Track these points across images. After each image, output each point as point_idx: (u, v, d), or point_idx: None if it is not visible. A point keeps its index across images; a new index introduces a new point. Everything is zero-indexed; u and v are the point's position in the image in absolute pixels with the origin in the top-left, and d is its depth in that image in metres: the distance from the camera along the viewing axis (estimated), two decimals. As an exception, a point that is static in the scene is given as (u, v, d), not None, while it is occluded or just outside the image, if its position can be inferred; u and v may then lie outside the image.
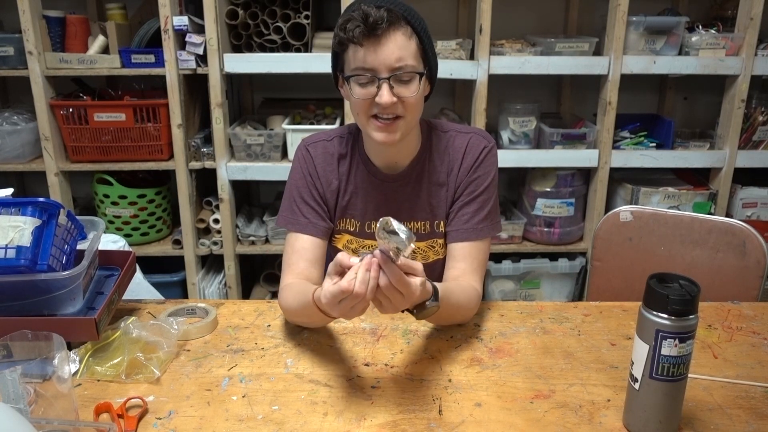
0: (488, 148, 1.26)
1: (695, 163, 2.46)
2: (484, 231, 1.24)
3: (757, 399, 0.98)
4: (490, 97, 2.33)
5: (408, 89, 1.10)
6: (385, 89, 1.08)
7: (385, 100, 1.08)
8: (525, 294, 2.63)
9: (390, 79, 1.08)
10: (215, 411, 0.94)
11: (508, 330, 1.19)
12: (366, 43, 1.07)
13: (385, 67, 1.08)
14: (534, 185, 2.52)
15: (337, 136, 1.29)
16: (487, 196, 1.25)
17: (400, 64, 1.08)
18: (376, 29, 1.05)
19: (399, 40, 1.08)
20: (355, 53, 1.09)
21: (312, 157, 1.27)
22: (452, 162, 1.26)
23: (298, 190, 1.26)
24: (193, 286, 2.52)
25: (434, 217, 1.27)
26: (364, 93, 1.10)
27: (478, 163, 1.24)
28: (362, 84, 1.10)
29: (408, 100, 1.11)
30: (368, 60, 1.08)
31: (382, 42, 1.06)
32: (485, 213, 1.24)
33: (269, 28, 2.26)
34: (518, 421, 0.92)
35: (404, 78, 1.10)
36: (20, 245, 0.99)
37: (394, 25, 1.07)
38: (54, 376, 0.86)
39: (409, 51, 1.09)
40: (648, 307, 0.85)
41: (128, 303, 1.28)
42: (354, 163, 1.27)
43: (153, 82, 2.47)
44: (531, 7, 2.62)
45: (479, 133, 1.28)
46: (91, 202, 2.58)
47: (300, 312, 1.11)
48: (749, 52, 2.30)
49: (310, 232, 1.24)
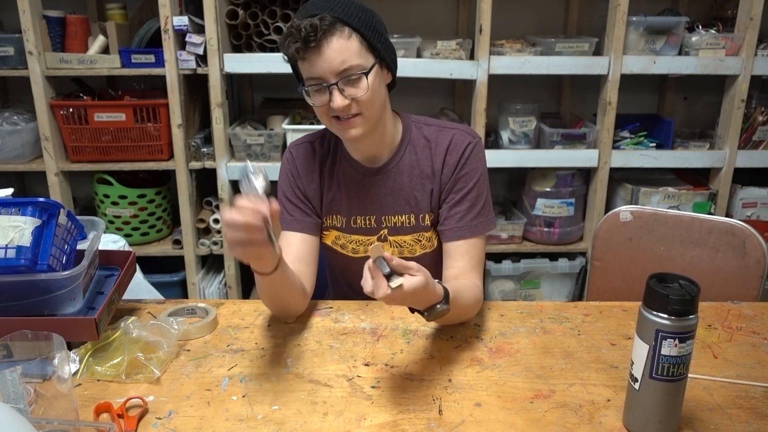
0: (473, 144, 1.26)
1: (695, 163, 2.46)
2: (478, 227, 1.25)
3: (757, 399, 0.98)
4: (490, 97, 2.33)
5: (358, 89, 1.12)
6: (336, 94, 1.11)
7: (337, 105, 1.11)
8: (525, 294, 2.63)
9: (338, 84, 1.10)
10: (215, 411, 0.94)
11: (508, 330, 1.19)
12: (306, 56, 1.09)
13: (330, 73, 1.10)
14: (534, 185, 2.52)
15: (318, 137, 1.33)
16: (478, 192, 1.25)
17: (344, 66, 1.10)
18: (310, 42, 1.07)
19: (337, 44, 1.09)
20: (302, 66, 1.13)
21: (294, 157, 1.32)
22: (435, 156, 1.26)
23: (282, 191, 1.31)
24: (193, 286, 2.52)
25: (419, 210, 1.28)
26: (321, 100, 1.14)
27: (464, 160, 1.25)
28: (317, 92, 1.13)
29: (361, 98, 1.12)
30: (313, 71, 1.11)
31: (322, 50, 1.08)
32: (478, 209, 1.25)
33: (269, 28, 2.26)
34: (518, 421, 0.92)
35: (352, 78, 1.11)
36: (20, 245, 0.99)
37: (328, 32, 1.08)
38: (54, 376, 0.86)
39: (350, 51, 1.10)
40: (648, 307, 0.85)
41: (128, 303, 1.28)
42: (336, 161, 1.30)
43: (153, 82, 2.47)
44: (531, 7, 2.62)
45: (463, 129, 1.28)
46: (91, 202, 2.58)
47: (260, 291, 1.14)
48: (749, 52, 2.30)
49: (296, 228, 1.28)
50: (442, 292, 1.00)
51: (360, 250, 1.31)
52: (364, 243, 1.30)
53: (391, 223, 1.29)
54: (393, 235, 1.30)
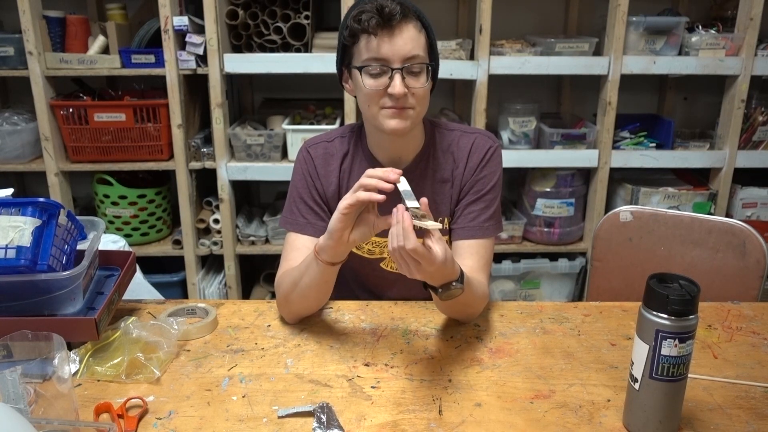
0: (494, 148, 1.28)
1: (695, 163, 2.46)
2: (490, 229, 1.25)
3: (757, 399, 0.98)
4: (490, 97, 2.33)
5: (418, 80, 1.13)
6: (397, 79, 1.10)
7: (397, 90, 1.10)
8: (525, 294, 2.63)
9: (402, 70, 1.10)
10: (215, 411, 0.94)
11: (508, 330, 1.19)
12: (380, 34, 1.09)
13: (398, 58, 1.10)
14: (534, 185, 2.52)
15: (338, 136, 1.31)
16: (493, 195, 1.27)
17: (412, 54, 1.10)
18: (392, 20, 1.08)
19: (411, 32, 1.11)
20: (368, 43, 1.11)
21: (312, 158, 1.29)
22: (457, 160, 1.27)
23: (298, 191, 1.28)
24: (193, 286, 2.52)
25: (438, 213, 1.28)
26: (376, 84, 1.12)
27: (485, 162, 1.26)
28: (374, 75, 1.12)
29: (418, 92, 1.13)
30: (382, 50, 1.10)
31: (396, 33, 1.09)
32: (491, 212, 1.26)
33: (269, 28, 2.26)
34: (518, 421, 0.92)
35: (415, 69, 1.12)
36: (20, 245, 0.99)
37: (407, 18, 1.10)
38: (54, 376, 0.86)
39: (419, 44, 1.12)
40: (648, 307, 0.85)
41: (128, 303, 1.27)
42: (357, 161, 1.28)
43: (153, 82, 2.47)
44: (531, 7, 2.62)
45: (484, 133, 1.30)
46: (91, 202, 2.58)
47: (298, 278, 1.14)
48: (749, 53, 2.30)
49: (309, 232, 1.25)
50: (459, 270, 1.02)
51: (376, 251, 1.31)
52: (380, 245, 1.30)
53: None
54: None
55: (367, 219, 1.05)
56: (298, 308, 1.19)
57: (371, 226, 1.05)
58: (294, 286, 1.16)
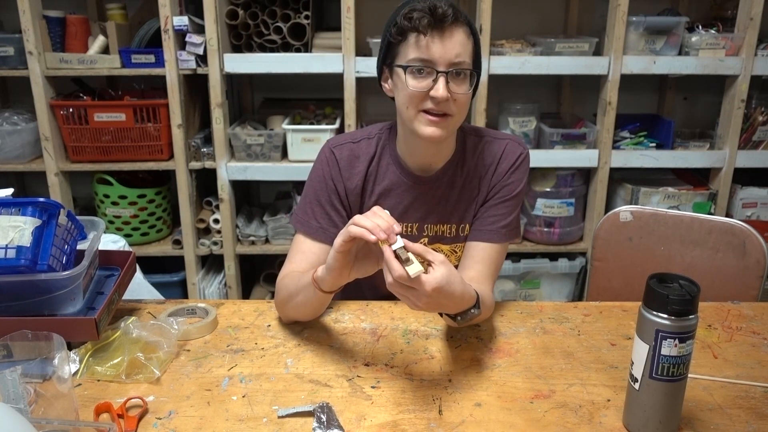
0: (524, 155, 1.26)
1: (695, 163, 2.46)
2: (506, 236, 1.24)
3: (757, 399, 0.98)
4: (490, 97, 2.33)
5: (462, 87, 1.10)
6: (441, 83, 1.07)
7: (441, 94, 1.07)
8: (525, 294, 2.63)
9: (447, 74, 1.08)
10: (215, 411, 0.94)
11: (508, 330, 1.19)
12: (430, 34, 1.06)
13: (445, 61, 1.07)
14: (534, 185, 2.52)
15: (364, 137, 1.27)
16: (516, 202, 1.25)
17: (459, 59, 1.08)
18: (443, 21, 1.06)
19: (461, 37, 1.08)
20: (416, 43, 1.08)
21: (337, 159, 1.24)
22: (487, 167, 1.25)
23: (315, 192, 1.24)
24: (193, 286, 2.52)
25: (461, 220, 1.27)
26: (419, 85, 1.09)
27: (514, 168, 1.25)
28: (418, 76, 1.09)
29: (460, 98, 1.10)
30: (430, 51, 1.07)
31: (446, 35, 1.07)
32: (511, 218, 1.24)
33: (269, 28, 2.26)
34: (518, 421, 0.92)
35: (460, 74, 1.09)
36: (20, 245, 0.99)
37: (458, 22, 1.08)
38: (54, 376, 0.86)
39: (467, 50, 1.10)
40: (648, 307, 0.85)
41: (128, 303, 1.27)
42: (384, 164, 1.25)
43: (153, 82, 2.47)
44: (531, 7, 2.62)
45: (515, 139, 1.28)
46: (91, 202, 2.58)
47: (295, 293, 1.13)
48: (749, 52, 2.30)
49: (319, 237, 1.22)
50: (474, 295, 1.00)
51: None
52: None
53: (433, 231, 1.27)
54: (432, 243, 1.27)
55: (370, 253, 1.01)
56: (293, 315, 1.19)
57: (374, 261, 1.01)
58: (290, 298, 1.15)
